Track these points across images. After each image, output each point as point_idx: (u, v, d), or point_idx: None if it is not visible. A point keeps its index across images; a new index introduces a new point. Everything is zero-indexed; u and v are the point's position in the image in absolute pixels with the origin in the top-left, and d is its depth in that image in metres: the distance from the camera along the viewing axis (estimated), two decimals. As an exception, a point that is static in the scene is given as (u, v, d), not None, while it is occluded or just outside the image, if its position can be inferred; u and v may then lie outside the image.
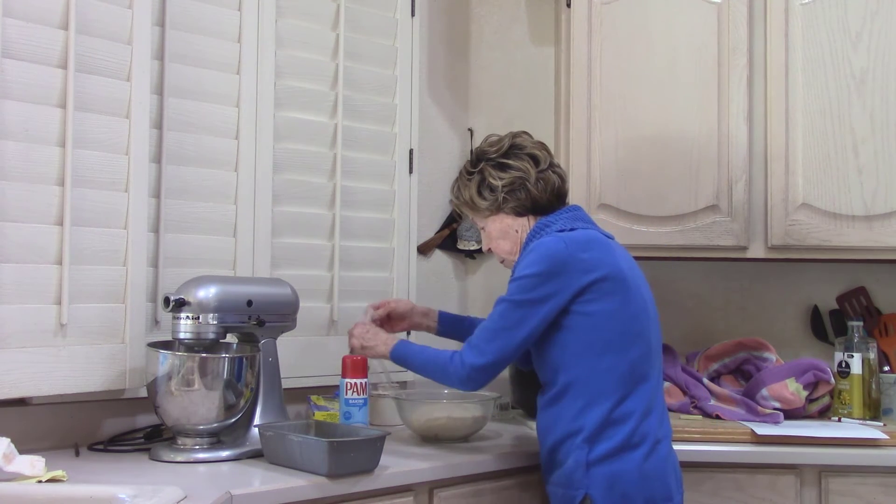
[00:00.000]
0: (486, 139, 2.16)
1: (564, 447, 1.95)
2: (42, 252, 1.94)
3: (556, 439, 1.97)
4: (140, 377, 2.08)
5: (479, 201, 2.10)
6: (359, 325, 2.20)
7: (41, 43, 1.94)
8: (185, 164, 2.25)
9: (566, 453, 1.94)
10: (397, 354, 2.10)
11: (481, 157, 2.12)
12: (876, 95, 2.58)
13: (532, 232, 2.06)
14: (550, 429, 1.99)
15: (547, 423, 2.00)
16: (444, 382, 2.04)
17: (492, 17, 3.03)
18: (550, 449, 1.99)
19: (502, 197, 2.07)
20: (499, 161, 2.09)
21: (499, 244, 2.12)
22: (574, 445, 1.93)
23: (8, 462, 1.64)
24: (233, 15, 2.35)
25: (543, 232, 2.03)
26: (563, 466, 1.94)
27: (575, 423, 1.93)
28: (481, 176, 2.10)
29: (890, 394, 2.64)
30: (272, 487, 1.74)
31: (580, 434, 1.92)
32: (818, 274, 2.88)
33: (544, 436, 2.01)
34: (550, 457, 1.99)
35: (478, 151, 2.15)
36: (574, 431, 1.93)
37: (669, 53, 2.64)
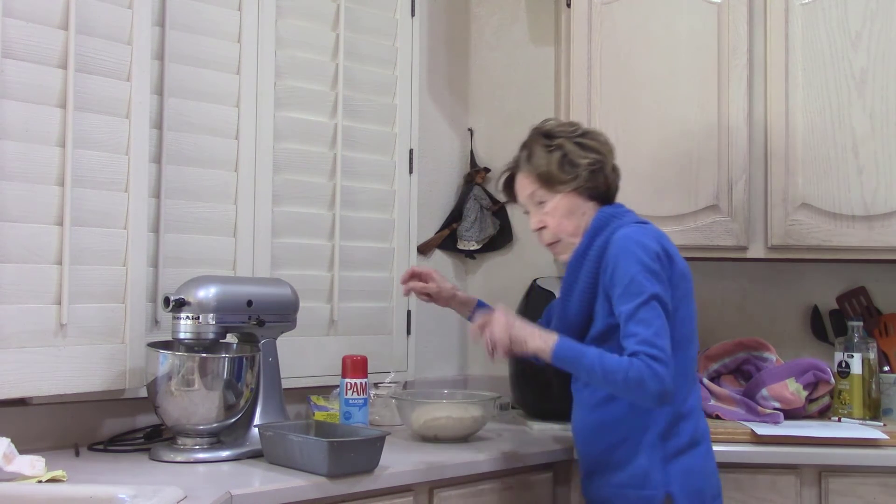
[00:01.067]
0: (547, 121, 2.06)
1: (629, 445, 1.89)
2: (42, 252, 1.94)
3: (618, 437, 1.91)
4: (140, 377, 2.08)
5: (557, 174, 1.97)
6: (498, 314, 1.90)
7: (41, 43, 1.94)
8: (185, 164, 2.25)
9: (632, 451, 1.89)
10: (562, 354, 1.85)
11: (555, 134, 2.01)
12: (876, 95, 2.58)
13: (600, 221, 1.97)
14: (610, 427, 1.92)
15: (604, 420, 1.93)
16: (634, 396, 1.81)
17: (492, 17, 3.03)
18: (608, 448, 1.92)
19: (584, 175, 1.97)
20: (577, 140, 2.00)
21: (562, 223, 1.99)
22: (645, 443, 1.88)
23: (8, 462, 1.64)
24: (233, 15, 2.35)
25: (615, 222, 1.95)
26: (633, 465, 1.88)
27: (644, 420, 1.88)
28: (562, 151, 1.98)
29: (890, 394, 2.64)
30: (272, 487, 1.74)
31: (650, 430, 1.88)
32: (818, 274, 2.88)
33: (598, 434, 1.94)
34: (607, 457, 1.93)
35: (547, 128, 2.04)
36: (643, 428, 1.88)
37: (669, 53, 2.63)
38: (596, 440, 1.95)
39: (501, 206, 2.94)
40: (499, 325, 1.88)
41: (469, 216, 2.89)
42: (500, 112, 3.01)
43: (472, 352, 2.95)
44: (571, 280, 1.99)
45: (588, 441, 1.98)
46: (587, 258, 1.95)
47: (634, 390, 1.77)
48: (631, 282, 1.84)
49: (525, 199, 2.05)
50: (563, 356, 1.85)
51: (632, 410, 1.88)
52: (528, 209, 2.06)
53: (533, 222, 2.04)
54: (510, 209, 2.96)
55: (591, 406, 1.96)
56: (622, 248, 1.88)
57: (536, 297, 2.64)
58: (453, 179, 2.96)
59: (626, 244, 1.88)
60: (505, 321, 1.88)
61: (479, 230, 2.89)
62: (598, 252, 1.93)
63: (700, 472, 1.91)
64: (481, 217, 2.89)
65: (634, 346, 1.79)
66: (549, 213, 2.00)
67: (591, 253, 1.95)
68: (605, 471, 1.93)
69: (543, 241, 2.05)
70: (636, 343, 1.79)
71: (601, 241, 1.94)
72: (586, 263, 1.95)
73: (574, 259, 1.98)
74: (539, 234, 2.05)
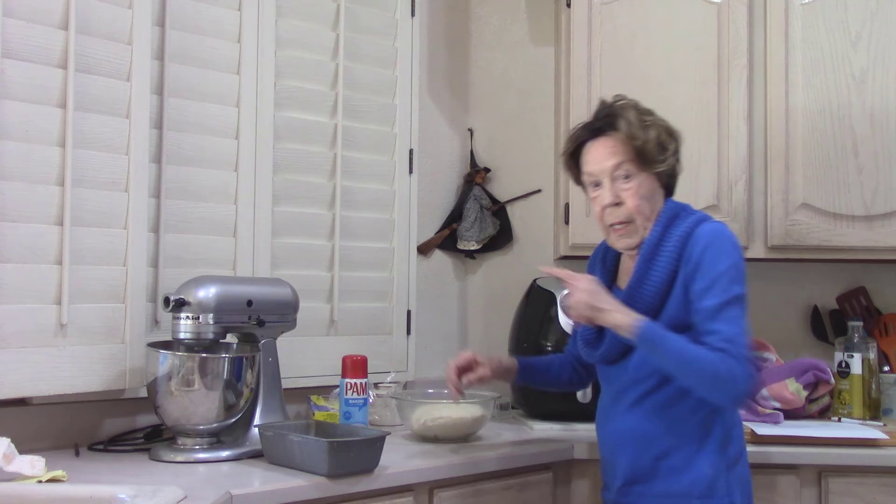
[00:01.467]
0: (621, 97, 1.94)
1: (687, 451, 1.82)
2: (42, 252, 1.94)
3: (675, 443, 1.83)
4: (140, 377, 2.08)
5: (653, 152, 1.87)
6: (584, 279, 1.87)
7: (41, 43, 1.94)
8: (185, 164, 2.25)
9: (691, 458, 1.82)
10: (649, 333, 1.78)
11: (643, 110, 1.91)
12: (876, 95, 2.58)
13: (672, 211, 1.90)
14: (667, 432, 1.84)
15: (661, 425, 1.84)
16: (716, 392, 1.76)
17: (492, 17, 3.03)
18: (660, 455, 1.84)
19: (672, 161, 1.91)
20: (663, 125, 1.92)
21: (642, 205, 1.88)
22: (707, 449, 1.82)
23: (8, 462, 1.63)
24: (233, 15, 2.35)
25: (686, 215, 1.89)
26: (693, 473, 1.81)
27: (704, 428, 1.82)
28: (658, 129, 1.89)
29: (890, 394, 2.64)
30: (272, 487, 1.74)
31: (712, 438, 1.82)
32: (818, 274, 2.88)
33: (651, 440, 1.85)
34: (659, 463, 1.84)
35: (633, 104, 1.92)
36: (704, 433, 1.82)
37: (669, 53, 2.64)
38: (648, 446, 1.86)
39: (501, 206, 2.94)
40: (583, 289, 1.83)
41: (469, 216, 2.89)
42: (500, 112, 3.01)
43: (472, 352, 2.95)
44: (643, 271, 1.87)
45: (637, 447, 1.87)
46: (664, 249, 1.86)
47: (720, 386, 1.72)
48: (719, 277, 1.77)
49: (605, 170, 1.89)
50: (649, 335, 1.77)
51: (693, 414, 1.82)
52: (598, 181, 1.91)
53: (607, 196, 1.89)
54: (510, 209, 2.96)
55: (648, 409, 1.86)
56: (711, 243, 1.81)
57: (536, 297, 2.64)
58: (453, 179, 2.96)
59: (716, 239, 1.81)
60: (590, 287, 1.84)
61: (479, 230, 2.89)
62: (678, 243, 1.84)
63: (749, 482, 1.89)
64: (481, 217, 2.89)
65: (721, 343, 1.72)
66: (632, 190, 1.88)
67: (669, 243, 1.85)
68: (654, 479, 1.85)
69: (609, 220, 1.91)
70: (722, 340, 1.73)
71: (680, 233, 1.85)
72: (663, 254, 1.85)
73: (647, 249, 1.87)
74: (605, 212, 1.91)
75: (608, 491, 1.97)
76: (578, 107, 2.63)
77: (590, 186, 1.95)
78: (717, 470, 1.82)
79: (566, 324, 2.52)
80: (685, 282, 1.82)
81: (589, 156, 1.93)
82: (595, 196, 1.93)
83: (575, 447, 2.24)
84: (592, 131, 1.93)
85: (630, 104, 1.93)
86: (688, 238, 1.84)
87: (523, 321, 2.66)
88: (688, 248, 1.83)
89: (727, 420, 1.86)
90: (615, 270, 2.03)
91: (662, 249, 1.86)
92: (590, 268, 2.10)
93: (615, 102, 1.94)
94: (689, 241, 1.83)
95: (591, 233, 2.60)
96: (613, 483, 1.93)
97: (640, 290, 1.87)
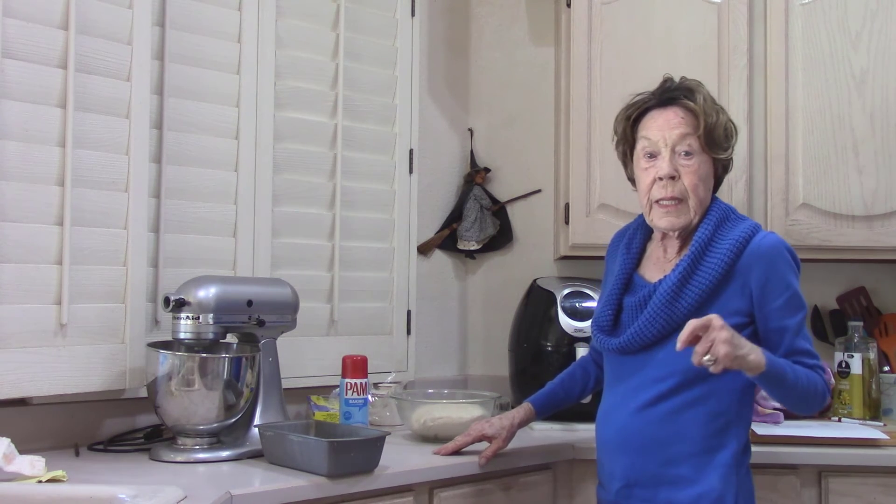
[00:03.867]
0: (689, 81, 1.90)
1: (695, 463, 1.77)
2: (42, 252, 1.94)
3: (682, 451, 1.78)
4: (140, 377, 2.08)
5: (721, 136, 1.85)
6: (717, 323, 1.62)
7: (41, 43, 1.94)
8: (185, 164, 2.25)
9: (702, 469, 1.77)
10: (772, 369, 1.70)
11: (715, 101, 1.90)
12: (876, 95, 2.58)
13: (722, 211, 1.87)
14: (674, 438, 1.79)
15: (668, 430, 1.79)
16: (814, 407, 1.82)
17: (492, 17, 3.03)
18: (667, 461, 1.79)
19: (730, 153, 1.90)
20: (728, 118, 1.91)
21: (699, 186, 1.83)
22: (721, 461, 1.77)
23: (8, 462, 1.63)
24: (233, 15, 2.35)
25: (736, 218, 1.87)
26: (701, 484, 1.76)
27: (720, 438, 1.78)
28: (725, 116, 1.89)
29: (890, 394, 2.64)
30: (272, 487, 1.74)
31: (727, 449, 1.78)
32: (818, 274, 2.88)
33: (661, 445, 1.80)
34: (666, 471, 1.79)
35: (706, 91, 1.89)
36: (718, 446, 1.78)
37: (669, 53, 2.64)
38: (655, 450, 1.80)
39: (501, 206, 2.94)
40: (724, 338, 1.61)
41: (469, 216, 2.89)
42: (500, 112, 3.01)
43: (472, 352, 2.96)
44: (692, 266, 1.80)
45: (643, 450, 1.81)
46: (717, 246, 1.80)
47: (819, 402, 1.80)
48: (794, 295, 1.80)
49: (669, 138, 1.83)
50: (772, 371, 1.69)
51: (708, 423, 1.78)
52: (657, 150, 1.84)
53: (665, 167, 1.81)
54: (510, 209, 2.96)
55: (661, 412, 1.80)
56: (778, 257, 1.79)
57: (536, 296, 2.64)
58: (453, 179, 2.96)
59: (783, 253, 1.81)
60: (729, 334, 1.62)
61: (479, 230, 2.89)
62: (734, 247, 1.79)
63: (753, 491, 1.87)
64: (481, 217, 2.89)
65: (811, 361, 1.79)
66: (692, 167, 1.82)
67: (724, 244, 1.80)
68: (659, 485, 1.80)
69: (660, 195, 1.83)
70: (810, 358, 1.79)
71: (736, 236, 1.80)
72: (716, 252, 1.80)
73: (700, 244, 1.81)
74: (656, 184, 1.83)
75: (605, 490, 1.93)
76: (578, 107, 2.64)
77: (643, 157, 1.87)
78: (727, 483, 1.77)
79: (566, 324, 2.53)
80: (746, 290, 1.79)
81: (654, 122, 1.86)
82: (648, 167, 1.85)
83: (575, 447, 2.24)
84: (663, 100, 1.87)
85: (703, 86, 1.90)
86: (745, 244, 1.80)
87: (523, 321, 2.66)
88: (747, 256, 1.79)
89: (743, 433, 1.82)
90: (640, 257, 1.97)
91: (716, 248, 1.81)
92: (610, 252, 2.05)
93: (689, 80, 1.90)
94: (747, 249, 1.80)
95: (591, 233, 2.61)
96: (612, 484, 1.89)
97: (686, 287, 1.80)
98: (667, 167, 1.82)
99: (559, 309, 2.54)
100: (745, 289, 1.80)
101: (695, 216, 1.85)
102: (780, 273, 1.78)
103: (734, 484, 1.78)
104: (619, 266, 1.96)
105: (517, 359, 2.64)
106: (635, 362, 1.86)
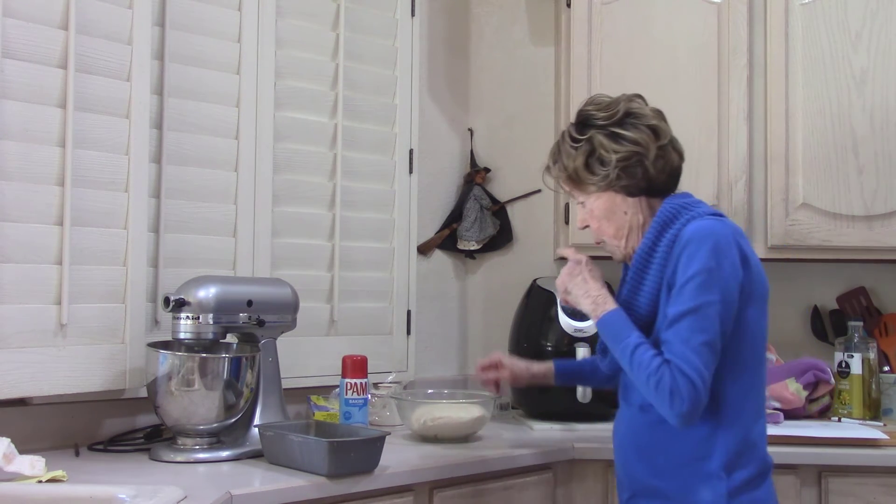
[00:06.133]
0: (593, 100, 1.85)
1: (687, 473, 1.69)
2: (42, 252, 1.94)
3: (674, 462, 1.71)
4: (140, 377, 2.08)
5: (585, 175, 1.79)
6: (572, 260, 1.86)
7: (41, 43, 1.94)
8: (185, 164, 2.25)
9: (691, 481, 1.68)
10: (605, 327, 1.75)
11: (589, 123, 1.81)
12: (876, 95, 2.58)
13: (668, 213, 1.76)
14: (665, 447, 1.71)
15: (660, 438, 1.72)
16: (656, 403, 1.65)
17: (492, 17, 3.03)
18: (659, 472, 1.73)
19: (615, 173, 1.77)
20: (612, 130, 1.78)
21: (602, 225, 1.83)
22: (707, 472, 1.67)
23: (8, 462, 1.63)
24: (233, 15, 2.35)
25: (686, 213, 1.75)
26: (690, 499, 1.68)
27: (705, 447, 1.68)
28: (590, 146, 1.79)
29: (890, 394, 2.64)
30: (272, 487, 1.74)
31: (713, 459, 1.67)
32: (818, 274, 2.88)
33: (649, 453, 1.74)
34: (657, 482, 1.73)
35: (583, 115, 1.83)
36: (703, 456, 1.67)
37: (669, 53, 2.64)
38: (646, 460, 1.75)
39: (501, 206, 2.94)
40: (564, 273, 1.87)
41: (469, 216, 2.89)
42: (500, 112, 3.01)
43: (472, 352, 2.95)
44: (638, 279, 1.77)
45: (636, 460, 1.77)
46: (656, 254, 1.74)
47: (660, 398, 1.62)
48: (688, 282, 1.64)
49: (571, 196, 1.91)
50: (606, 329, 1.75)
51: (693, 433, 1.67)
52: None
53: (579, 221, 1.92)
54: (510, 209, 2.96)
55: (646, 421, 1.74)
56: (690, 242, 1.67)
57: (536, 297, 2.64)
58: (453, 179, 2.96)
59: (693, 241, 1.67)
60: (569, 271, 1.86)
61: (479, 230, 2.89)
62: (667, 246, 1.72)
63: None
64: (481, 217, 2.89)
65: (668, 355, 1.63)
66: (588, 214, 1.86)
67: (660, 248, 1.73)
68: (654, 497, 1.74)
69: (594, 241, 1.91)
70: (670, 352, 1.63)
71: (671, 234, 1.73)
72: (655, 260, 1.74)
73: (640, 256, 1.76)
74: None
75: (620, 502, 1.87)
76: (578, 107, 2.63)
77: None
78: (716, 496, 1.66)
79: (566, 324, 2.53)
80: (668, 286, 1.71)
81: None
82: None
83: (575, 447, 2.24)
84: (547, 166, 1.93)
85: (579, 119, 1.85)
86: (675, 241, 1.71)
87: (523, 321, 2.66)
88: (673, 251, 1.71)
89: (735, 441, 1.68)
90: None
91: (654, 257, 1.75)
92: None
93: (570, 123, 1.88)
94: (675, 244, 1.71)
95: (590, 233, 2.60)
96: (622, 494, 1.84)
97: (635, 301, 1.77)
98: (579, 222, 1.92)
99: (559, 309, 2.54)
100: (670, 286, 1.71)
101: (623, 247, 1.84)
102: (683, 261, 1.67)
103: (725, 497, 1.67)
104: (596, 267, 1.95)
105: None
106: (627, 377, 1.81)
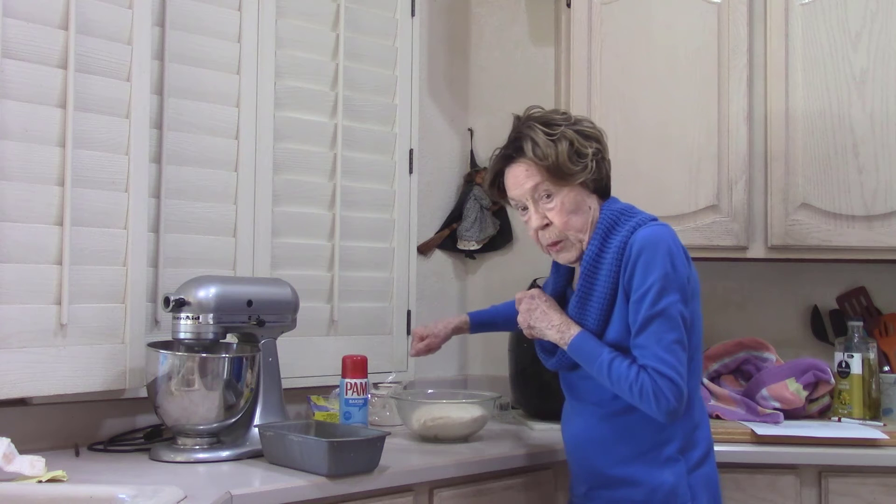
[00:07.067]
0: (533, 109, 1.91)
1: (647, 459, 1.82)
2: (42, 252, 1.94)
3: (634, 451, 1.83)
4: (140, 377, 2.08)
5: (567, 165, 1.81)
6: (525, 298, 1.94)
7: (41, 43, 1.94)
8: (185, 164, 2.25)
9: (652, 466, 1.81)
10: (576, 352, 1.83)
11: (552, 122, 1.85)
12: (876, 95, 2.58)
13: (610, 218, 1.85)
14: (626, 439, 1.84)
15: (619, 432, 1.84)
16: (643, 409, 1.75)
17: (492, 17, 3.03)
18: (621, 462, 1.84)
19: (592, 166, 1.84)
20: (577, 129, 1.85)
21: (571, 219, 1.85)
22: (666, 457, 1.81)
23: (8, 462, 1.64)
24: (233, 15, 2.35)
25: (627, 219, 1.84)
26: (654, 481, 1.80)
27: (663, 433, 1.81)
28: (568, 140, 1.83)
29: (890, 394, 2.64)
30: (272, 487, 1.74)
31: (671, 444, 1.82)
32: (818, 274, 2.88)
33: (610, 447, 1.85)
34: (619, 471, 1.84)
35: (538, 118, 1.88)
36: (661, 442, 1.81)
37: (669, 53, 2.64)
38: (606, 453, 1.86)
39: (501, 206, 2.94)
40: (522, 310, 1.93)
41: (469, 216, 2.89)
42: (500, 112, 2.99)
43: (471, 352, 2.96)
44: (588, 286, 1.84)
45: (595, 453, 1.88)
46: (604, 260, 1.82)
47: (646, 403, 1.73)
48: (650, 289, 1.74)
49: (524, 194, 1.87)
50: (576, 353, 1.83)
51: (650, 422, 1.79)
52: (524, 205, 1.89)
53: (534, 220, 1.87)
54: (510, 209, 2.96)
55: (603, 416, 1.86)
56: (644, 250, 1.77)
57: (536, 297, 2.64)
58: (453, 179, 2.96)
59: (647, 248, 1.77)
60: (528, 306, 1.92)
61: (479, 230, 2.89)
62: (616, 253, 1.80)
63: (716, 479, 1.88)
64: (481, 217, 2.89)
65: (643, 360, 1.74)
66: (556, 208, 1.85)
67: (608, 254, 1.82)
68: (616, 486, 1.85)
69: (545, 241, 1.89)
70: (644, 356, 1.74)
71: (618, 241, 1.81)
72: (604, 266, 1.82)
73: (588, 262, 1.84)
74: (539, 234, 1.89)
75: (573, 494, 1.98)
76: (578, 107, 2.63)
77: (518, 211, 1.94)
78: (678, 477, 1.81)
79: None
80: (626, 292, 1.79)
81: (508, 182, 1.91)
82: (524, 219, 1.91)
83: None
84: (504, 158, 1.91)
85: (537, 118, 1.88)
86: (625, 247, 1.80)
87: (523, 321, 2.66)
88: (625, 257, 1.79)
89: (687, 426, 1.83)
90: (570, 274, 2.00)
91: (602, 263, 1.82)
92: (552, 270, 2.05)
93: (523, 122, 1.89)
94: (625, 250, 1.80)
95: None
96: (579, 488, 1.95)
97: (586, 308, 1.85)
98: (535, 220, 1.87)
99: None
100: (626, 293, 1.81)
101: (583, 243, 1.87)
102: (641, 266, 1.77)
103: (685, 473, 1.81)
104: (551, 287, 2.01)
105: (517, 359, 2.63)
106: (576, 375, 1.92)
